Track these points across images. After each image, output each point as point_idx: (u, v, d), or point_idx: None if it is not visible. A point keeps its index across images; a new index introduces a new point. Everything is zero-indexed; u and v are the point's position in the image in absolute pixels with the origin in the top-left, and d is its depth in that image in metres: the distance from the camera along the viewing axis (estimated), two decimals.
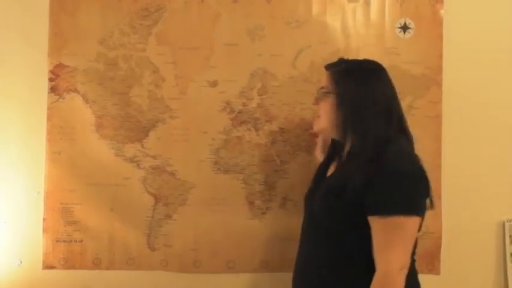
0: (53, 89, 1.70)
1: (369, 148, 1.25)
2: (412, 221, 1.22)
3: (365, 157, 1.24)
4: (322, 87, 1.39)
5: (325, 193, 1.32)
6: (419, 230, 1.26)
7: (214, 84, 1.72)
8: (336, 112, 1.33)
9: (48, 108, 1.70)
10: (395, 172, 1.22)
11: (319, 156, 1.57)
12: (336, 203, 1.27)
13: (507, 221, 1.76)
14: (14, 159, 1.71)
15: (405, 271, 1.21)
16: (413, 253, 1.28)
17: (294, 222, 1.70)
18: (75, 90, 1.71)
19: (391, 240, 1.21)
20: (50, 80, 1.70)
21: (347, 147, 1.35)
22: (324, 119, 1.38)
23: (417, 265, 1.36)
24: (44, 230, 1.70)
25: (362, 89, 1.31)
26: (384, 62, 1.71)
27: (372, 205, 1.22)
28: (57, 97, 1.71)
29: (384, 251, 1.21)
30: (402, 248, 1.21)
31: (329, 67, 1.41)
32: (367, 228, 1.24)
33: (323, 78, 1.42)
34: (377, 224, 1.22)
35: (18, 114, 1.72)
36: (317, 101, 1.42)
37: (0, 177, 1.70)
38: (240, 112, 1.72)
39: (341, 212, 1.27)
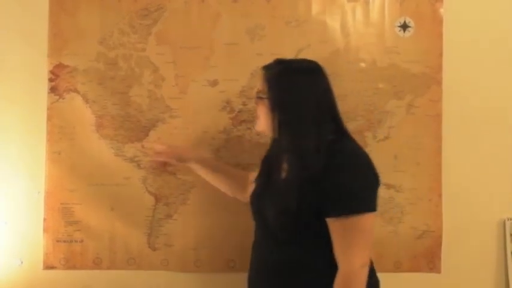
0: (53, 89, 1.71)
1: (311, 153, 1.23)
2: (369, 218, 1.24)
3: (309, 163, 1.23)
4: (258, 91, 1.35)
5: (277, 207, 1.27)
6: None
7: (214, 83, 1.72)
8: (271, 116, 1.29)
9: (48, 109, 1.70)
10: (346, 172, 1.23)
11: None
12: (290, 217, 1.25)
13: (508, 220, 1.76)
14: (14, 160, 1.71)
15: (367, 268, 1.24)
16: None
17: None
18: (75, 90, 1.71)
19: (350, 239, 1.22)
20: (50, 80, 1.70)
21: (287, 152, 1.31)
22: (261, 122, 1.35)
23: (417, 263, 1.37)
24: (45, 230, 1.70)
25: (294, 92, 1.27)
26: (384, 61, 1.73)
27: (328, 208, 1.23)
28: (57, 97, 1.71)
29: (344, 250, 1.23)
30: (362, 246, 1.23)
31: (263, 69, 1.36)
32: (325, 230, 1.24)
33: (258, 81, 1.37)
34: (335, 226, 1.23)
35: (18, 114, 1.72)
36: (256, 103, 1.37)
37: (1, 178, 1.71)
38: (240, 111, 1.72)
39: (297, 221, 1.26)
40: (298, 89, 1.28)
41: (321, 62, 1.70)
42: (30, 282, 1.70)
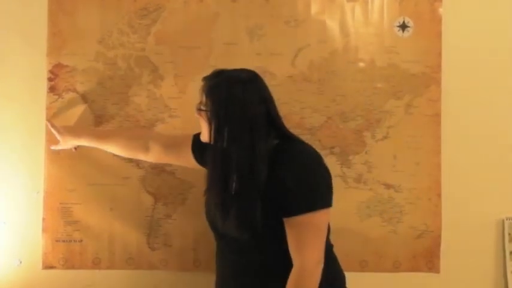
0: (52, 89, 1.70)
1: (257, 161, 1.24)
2: (323, 215, 1.26)
3: (256, 170, 1.24)
4: (199, 102, 1.33)
5: (238, 218, 1.26)
6: None
7: None
8: (209, 127, 1.29)
9: (47, 108, 1.70)
10: (297, 172, 1.24)
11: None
12: (252, 226, 1.25)
13: (506, 219, 1.76)
14: (14, 159, 1.70)
15: (321, 265, 1.25)
16: (328, 239, 1.31)
17: None
18: (74, 90, 1.71)
19: (304, 237, 1.24)
20: (49, 79, 1.70)
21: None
22: (204, 133, 1.34)
23: (416, 263, 1.36)
24: (44, 230, 1.70)
25: (230, 103, 1.27)
26: (383, 61, 1.73)
27: (284, 208, 1.24)
28: (56, 97, 1.71)
29: (299, 248, 1.24)
30: (317, 243, 1.25)
31: (203, 80, 1.34)
32: (281, 232, 1.26)
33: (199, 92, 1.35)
34: (290, 224, 1.25)
35: (17, 114, 1.71)
36: (198, 114, 1.34)
37: (0, 177, 1.70)
38: None
39: (258, 227, 1.25)
40: (235, 99, 1.27)
41: (320, 62, 1.73)
42: (29, 282, 1.69)
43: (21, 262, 1.70)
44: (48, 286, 1.70)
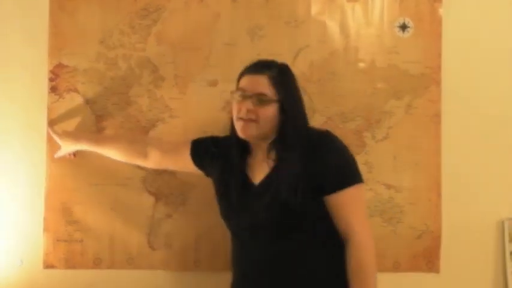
0: (53, 89, 1.71)
1: (303, 139, 1.34)
2: (362, 189, 1.38)
3: (303, 147, 1.32)
4: (262, 94, 1.33)
5: (275, 201, 1.31)
6: None
7: (213, 83, 1.72)
8: (279, 117, 1.34)
9: (48, 108, 1.70)
10: (337, 149, 1.35)
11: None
12: (290, 206, 1.30)
13: (506, 220, 1.77)
14: (15, 159, 1.71)
15: (373, 239, 1.34)
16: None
17: None
18: (75, 90, 1.71)
19: (355, 209, 1.33)
20: (50, 80, 1.71)
21: (270, 148, 1.37)
22: (262, 125, 1.34)
23: (416, 263, 1.37)
24: (45, 230, 1.70)
25: (297, 91, 1.40)
26: (383, 61, 1.74)
27: (331, 184, 1.31)
28: (57, 97, 1.71)
29: (351, 224, 1.31)
30: (365, 214, 1.40)
31: (264, 72, 1.36)
32: (321, 209, 1.32)
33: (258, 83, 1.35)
34: (339, 200, 1.31)
35: (19, 114, 1.72)
36: (258, 105, 1.33)
37: (1, 177, 1.71)
38: None
39: (297, 210, 1.30)
40: (297, 88, 1.40)
41: (320, 62, 1.73)
42: (30, 281, 1.70)
43: (22, 262, 1.70)
44: (49, 286, 1.70)
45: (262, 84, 1.34)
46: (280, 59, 1.70)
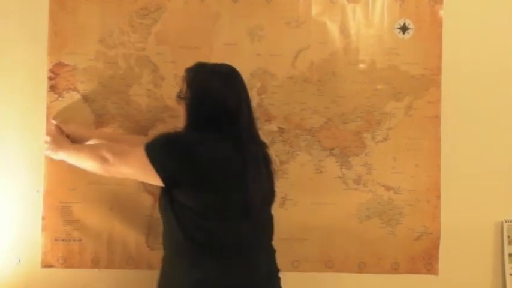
0: (52, 88, 1.70)
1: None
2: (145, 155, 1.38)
3: None
4: (180, 90, 1.43)
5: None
6: None
7: None
8: (188, 114, 1.40)
9: (47, 107, 1.70)
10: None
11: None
12: None
13: (505, 222, 1.77)
14: (14, 158, 1.70)
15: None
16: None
17: (294, 222, 1.71)
18: (75, 89, 1.71)
19: None
20: (50, 78, 1.70)
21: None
22: (181, 120, 1.41)
23: (415, 265, 1.36)
24: (43, 229, 1.70)
25: (207, 94, 1.39)
26: (384, 63, 1.74)
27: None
28: (56, 96, 1.71)
29: None
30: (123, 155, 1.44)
31: (185, 71, 1.44)
32: None
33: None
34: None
35: (17, 113, 1.71)
36: (178, 101, 1.44)
37: (0, 176, 1.70)
38: None
39: None
40: (212, 91, 1.36)
41: (320, 63, 1.73)
42: (28, 280, 1.69)
43: (20, 261, 1.70)
44: (47, 285, 1.70)
45: (181, 81, 1.43)
46: (280, 59, 1.72)
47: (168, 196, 1.36)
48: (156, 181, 1.34)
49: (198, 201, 1.32)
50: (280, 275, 1.44)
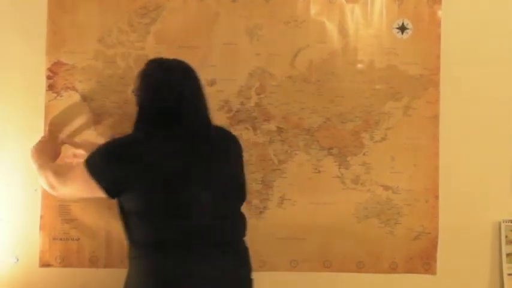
0: (50, 87, 1.70)
1: None
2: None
3: None
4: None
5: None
6: None
7: (212, 83, 1.72)
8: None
9: (45, 106, 1.70)
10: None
11: None
12: None
13: (503, 222, 1.77)
14: (12, 157, 1.70)
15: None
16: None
17: (292, 221, 1.71)
18: (73, 88, 1.71)
19: None
20: (48, 77, 1.70)
21: None
22: None
23: (413, 265, 1.36)
24: (41, 228, 1.69)
25: (144, 89, 1.46)
26: (382, 62, 1.74)
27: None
28: (55, 95, 1.70)
29: None
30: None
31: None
32: None
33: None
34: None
35: (16, 112, 1.71)
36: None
37: None
38: (238, 111, 1.72)
39: None
40: (147, 86, 1.41)
41: (319, 63, 1.73)
42: (26, 279, 1.69)
43: (18, 260, 1.70)
44: (45, 284, 1.70)
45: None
46: (279, 59, 1.72)
47: (118, 203, 1.36)
48: (103, 193, 1.31)
49: (141, 201, 1.30)
50: (252, 275, 1.41)
